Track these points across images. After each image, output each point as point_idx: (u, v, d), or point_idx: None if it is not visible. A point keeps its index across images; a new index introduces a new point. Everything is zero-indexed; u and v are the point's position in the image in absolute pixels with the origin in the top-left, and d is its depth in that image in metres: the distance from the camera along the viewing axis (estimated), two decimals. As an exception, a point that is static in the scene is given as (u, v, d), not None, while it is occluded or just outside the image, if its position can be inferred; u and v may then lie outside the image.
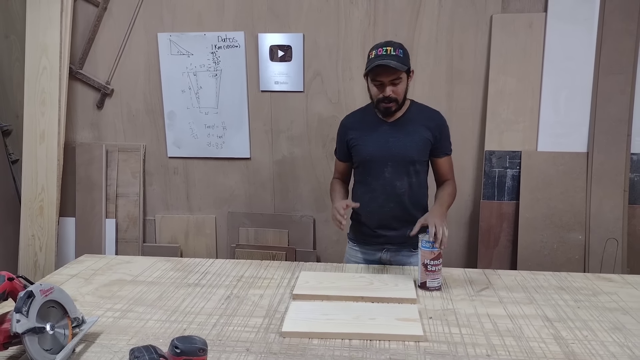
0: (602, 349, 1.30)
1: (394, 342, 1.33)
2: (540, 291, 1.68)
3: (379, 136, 1.95)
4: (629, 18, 2.69)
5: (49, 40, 3.01)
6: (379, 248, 2.04)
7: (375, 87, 1.87)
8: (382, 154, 1.93)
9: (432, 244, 1.67)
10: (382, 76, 1.83)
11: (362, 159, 1.99)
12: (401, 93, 1.88)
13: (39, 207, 3.07)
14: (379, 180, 1.95)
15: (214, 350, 1.29)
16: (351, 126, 2.03)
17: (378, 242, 2.03)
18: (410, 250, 2.02)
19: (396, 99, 1.87)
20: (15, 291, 1.23)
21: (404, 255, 2.03)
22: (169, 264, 1.95)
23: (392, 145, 1.93)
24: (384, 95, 1.85)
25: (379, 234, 2.01)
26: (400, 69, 1.80)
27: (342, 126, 2.08)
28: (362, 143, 1.97)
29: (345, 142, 2.03)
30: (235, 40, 3.00)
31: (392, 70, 1.80)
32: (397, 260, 2.03)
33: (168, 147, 3.20)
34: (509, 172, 2.89)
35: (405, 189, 1.95)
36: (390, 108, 1.89)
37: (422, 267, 1.69)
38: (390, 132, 1.95)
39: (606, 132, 2.76)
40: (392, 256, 2.03)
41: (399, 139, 1.93)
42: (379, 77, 1.84)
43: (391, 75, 1.82)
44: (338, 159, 2.13)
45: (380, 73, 1.82)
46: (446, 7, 2.84)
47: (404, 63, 1.82)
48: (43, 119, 3.04)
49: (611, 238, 2.77)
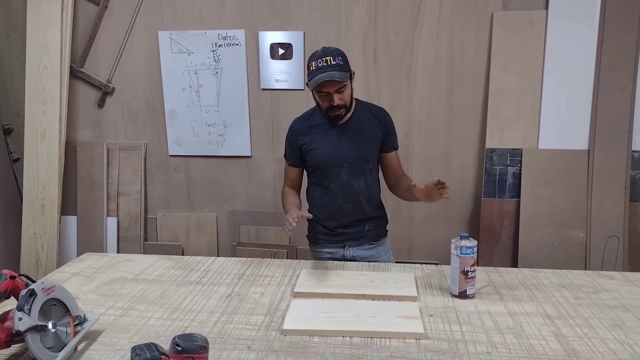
0: (603, 346, 1.30)
1: (395, 340, 1.33)
2: (541, 288, 1.68)
3: (332, 139, 1.96)
4: (630, 15, 2.69)
5: (50, 39, 3.01)
6: (341, 245, 2.06)
7: (322, 98, 1.89)
8: (338, 156, 1.95)
9: (472, 249, 1.57)
10: (328, 88, 1.84)
11: (318, 163, 1.99)
12: (348, 98, 1.90)
13: (40, 205, 3.07)
14: (337, 182, 1.97)
15: (215, 348, 1.29)
16: (302, 131, 2.02)
17: (339, 239, 2.05)
18: (371, 243, 2.07)
19: (344, 105, 1.89)
20: (17, 289, 1.23)
21: (366, 249, 2.06)
22: (170, 262, 1.96)
23: (346, 146, 1.95)
24: (332, 105, 1.87)
25: (340, 232, 2.04)
26: (344, 79, 1.82)
27: (292, 131, 2.06)
28: (315, 147, 1.98)
29: (298, 147, 2.03)
30: (235, 39, 3.00)
31: (336, 81, 1.82)
32: (360, 254, 2.05)
33: (169, 145, 3.20)
34: (510, 169, 2.89)
35: (362, 188, 1.98)
36: (339, 115, 1.91)
37: (462, 275, 1.59)
38: (343, 134, 1.96)
39: (607, 130, 2.76)
40: (354, 252, 2.06)
41: (352, 140, 1.96)
42: (324, 89, 1.85)
43: (336, 85, 1.84)
44: (289, 164, 2.09)
45: (325, 85, 1.83)
46: (447, 4, 2.84)
47: (345, 70, 1.84)
48: (44, 118, 3.05)
49: (612, 235, 2.77)
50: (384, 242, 2.13)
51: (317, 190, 2.04)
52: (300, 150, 2.03)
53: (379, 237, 2.10)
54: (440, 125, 2.96)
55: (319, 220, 2.06)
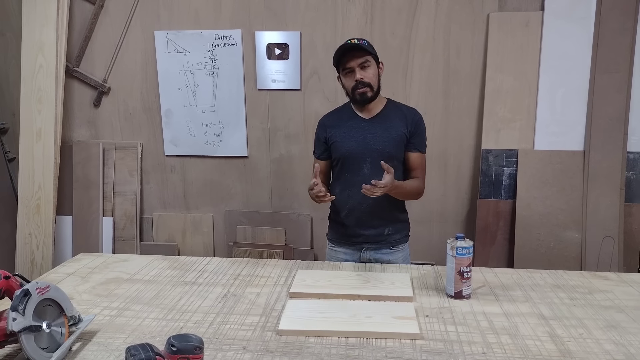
0: (597, 346, 1.31)
1: (390, 340, 1.34)
2: (537, 289, 1.69)
3: (357, 132, 1.98)
4: (626, 16, 2.70)
5: (45, 38, 3.00)
6: (358, 247, 2.06)
7: (347, 77, 1.92)
8: (361, 149, 1.95)
9: (468, 250, 1.59)
10: (350, 61, 1.88)
11: (341, 155, 2.00)
12: (372, 77, 1.92)
13: (35, 205, 3.06)
14: (358, 177, 1.96)
15: (211, 349, 1.29)
16: (330, 124, 2.05)
17: (357, 241, 2.05)
18: (389, 248, 2.05)
19: (369, 84, 1.91)
20: (12, 289, 1.23)
21: (384, 254, 2.05)
22: (165, 263, 1.95)
23: (371, 141, 1.96)
24: (356, 80, 1.89)
25: (358, 233, 2.03)
26: (367, 48, 1.87)
27: (320, 125, 2.10)
28: (340, 139, 2.00)
29: (325, 140, 2.05)
30: (232, 38, 2.99)
31: (359, 52, 1.87)
32: (378, 258, 2.05)
33: (165, 145, 3.19)
34: (505, 170, 2.89)
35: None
36: (365, 93, 1.91)
37: (457, 275, 1.60)
38: (369, 129, 1.98)
39: (602, 131, 2.77)
40: (371, 255, 2.05)
41: (377, 135, 1.96)
42: (348, 64, 1.89)
43: (359, 59, 1.88)
44: (317, 158, 2.12)
45: (349, 59, 1.88)
46: (443, 5, 2.84)
47: (370, 48, 1.90)
48: (39, 117, 3.03)
49: (607, 236, 2.78)
50: (403, 249, 2.10)
51: (339, 185, 2.04)
52: (327, 143, 2.05)
53: (399, 242, 2.07)
54: (436, 126, 2.97)
55: (340, 218, 2.06)
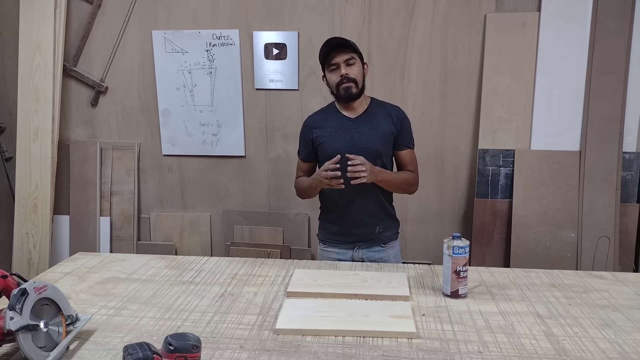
0: (593, 345, 1.31)
1: (387, 339, 1.34)
2: (533, 288, 1.70)
3: (344, 132, 1.99)
4: (622, 17, 2.71)
5: (43, 38, 2.99)
6: (350, 247, 2.07)
7: (332, 73, 1.94)
8: (349, 148, 1.94)
9: (464, 249, 1.59)
10: (336, 57, 1.90)
11: (329, 155, 1.97)
12: (357, 74, 1.93)
13: (33, 204, 3.06)
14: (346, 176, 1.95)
15: (208, 348, 1.29)
16: (315, 125, 2.05)
17: (349, 240, 2.06)
18: (381, 245, 2.07)
19: (354, 79, 1.92)
20: (9, 289, 1.23)
21: (375, 251, 2.06)
22: (163, 262, 1.95)
23: (358, 140, 1.97)
24: (341, 75, 1.90)
25: (350, 232, 2.04)
26: (353, 46, 1.90)
27: (305, 126, 2.09)
28: (327, 140, 2.00)
29: (311, 141, 2.05)
30: (230, 38, 3.00)
31: (345, 49, 1.89)
32: (369, 256, 2.06)
33: (162, 144, 3.19)
34: (502, 170, 2.90)
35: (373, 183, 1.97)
36: (350, 88, 1.93)
37: (454, 274, 1.59)
38: (355, 128, 1.99)
39: (599, 131, 2.78)
40: (363, 254, 2.06)
41: (364, 133, 1.98)
42: (334, 60, 1.91)
43: (345, 55, 1.90)
44: (302, 159, 2.11)
45: (335, 55, 1.90)
46: (440, 6, 2.85)
47: (354, 46, 1.92)
48: (37, 117, 3.03)
49: (603, 236, 2.79)
50: (394, 246, 2.13)
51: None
52: (312, 144, 2.05)
53: (389, 239, 2.10)
54: (433, 126, 2.98)
55: (331, 219, 2.07)
